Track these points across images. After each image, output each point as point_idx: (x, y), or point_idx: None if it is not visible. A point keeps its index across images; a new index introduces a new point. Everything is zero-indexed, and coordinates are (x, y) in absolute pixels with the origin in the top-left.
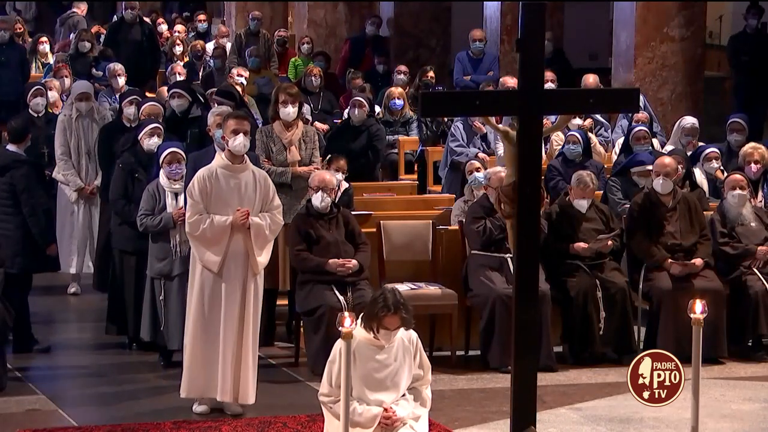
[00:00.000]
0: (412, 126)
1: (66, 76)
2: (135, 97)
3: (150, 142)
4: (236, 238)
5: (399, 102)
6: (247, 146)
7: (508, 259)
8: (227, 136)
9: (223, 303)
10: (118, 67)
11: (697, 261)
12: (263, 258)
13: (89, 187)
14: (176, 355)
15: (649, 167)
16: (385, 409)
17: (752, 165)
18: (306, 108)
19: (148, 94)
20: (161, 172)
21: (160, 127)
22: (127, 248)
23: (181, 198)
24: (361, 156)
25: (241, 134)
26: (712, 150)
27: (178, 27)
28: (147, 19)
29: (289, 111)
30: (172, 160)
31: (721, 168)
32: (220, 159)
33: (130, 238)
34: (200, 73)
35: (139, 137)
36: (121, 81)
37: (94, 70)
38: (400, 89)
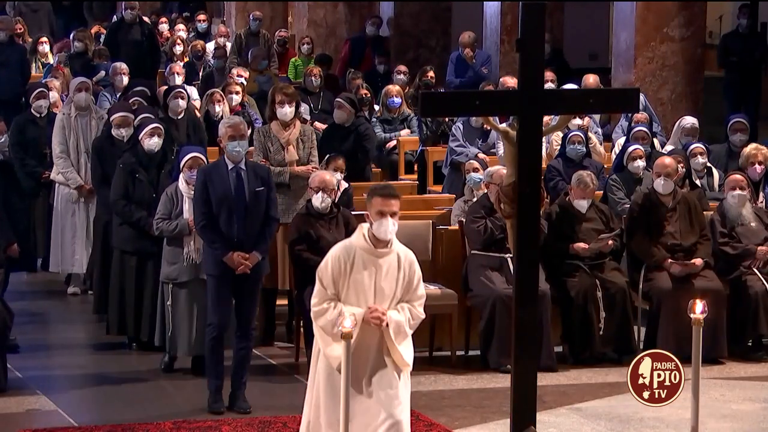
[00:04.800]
0: (411, 123)
1: (59, 77)
2: (147, 115)
3: (150, 142)
4: (367, 332)
5: (397, 100)
6: (395, 232)
7: (508, 259)
8: (372, 216)
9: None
10: (123, 66)
11: (697, 261)
12: (407, 354)
13: (88, 185)
14: (180, 361)
15: (638, 147)
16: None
17: (756, 166)
18: (304, 107)
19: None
20: (181, 176)
21: (161, 127)
22: (127, 248)
23: None
24: (350, 157)
25: (389, 218)
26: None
27: (181, 27)
28: (147, 19)
29: (286, 111)
30: (193, 165)
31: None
32: (361, 238)
33: (131, 238)
34: (200, 73)
35: (139, 137)
36: (125, 80)
37: (96, 83)
38: (398, 87)
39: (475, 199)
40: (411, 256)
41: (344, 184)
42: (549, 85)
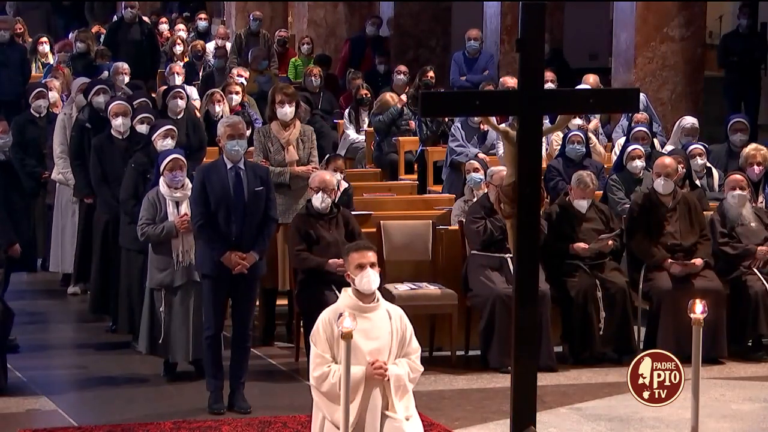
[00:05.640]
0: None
1: (58, 77)
2: (147, 115)
3: (164, 144)
4: (371, 391)
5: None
6: (378, 282)
7: (508, 259)
8: (352, 273)
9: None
10: (125, 66)
11: (697, 261)
12: (408, 412)
13: None
14: (180, 366)
15: (638, 147)
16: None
17: (755, 167)
18: (303, 107)
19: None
20: (161, 179)
21: (174, 129)
22: (134, 247)
23: (183, 206)
24: None
25: (368, 269)
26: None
27: (181, 27)
28: (146, 19)
29: (286, 111)
30: (174, 167)
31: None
32: (347, 298)
33: (138, 237)
34: (200, 73)
35: (153, 138)
36: (126, 80)
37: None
38: (396, 98)
39: (475, 199)
40: (399, 310)
41: (344, 184)
42: (549, 85)
